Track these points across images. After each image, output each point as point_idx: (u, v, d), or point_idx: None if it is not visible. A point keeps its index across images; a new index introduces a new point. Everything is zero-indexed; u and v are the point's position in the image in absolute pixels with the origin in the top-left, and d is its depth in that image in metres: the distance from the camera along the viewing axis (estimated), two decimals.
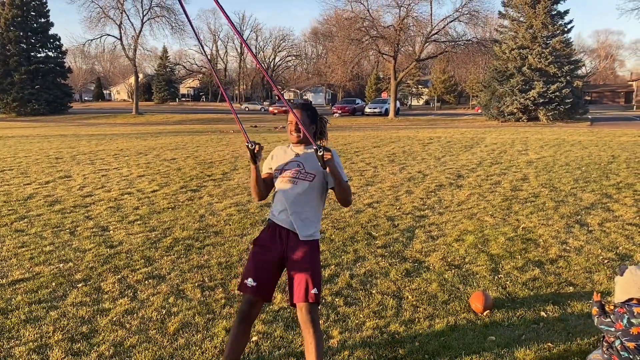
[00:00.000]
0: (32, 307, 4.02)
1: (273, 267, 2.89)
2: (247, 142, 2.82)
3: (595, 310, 3.18)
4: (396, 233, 6.08)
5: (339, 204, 3.10)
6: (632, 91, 68.24)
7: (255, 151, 2.82)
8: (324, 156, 2.59)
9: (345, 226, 6.37)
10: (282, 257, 2.88)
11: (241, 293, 2.92)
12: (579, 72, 36.02)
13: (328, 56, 56.37)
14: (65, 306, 4.04)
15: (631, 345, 3.00)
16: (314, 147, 2.62)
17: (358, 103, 48.71)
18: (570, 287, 4.40)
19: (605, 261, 5.03)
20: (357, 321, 3.79)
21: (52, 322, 3.76)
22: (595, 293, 3.31)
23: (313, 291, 2.76)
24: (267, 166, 3.08)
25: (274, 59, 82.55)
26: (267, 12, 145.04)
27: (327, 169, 2.66)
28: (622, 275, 3.17)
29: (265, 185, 3.01)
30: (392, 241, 5.75)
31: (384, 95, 50.58)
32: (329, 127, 3.30)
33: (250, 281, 2.84)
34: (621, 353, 3.03)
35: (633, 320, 3.01)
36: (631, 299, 3.09)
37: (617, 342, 3.06)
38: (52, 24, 49.53)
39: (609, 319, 3.11)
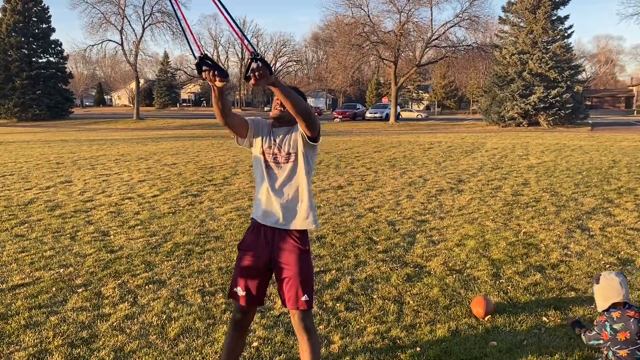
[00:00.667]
0: (32, 312, 4.01)
1: (261, 271, 2.75)
2: (196, 56, 2.23)
3: (577, 330, 3.19)
4: (397, 238, 6.07)
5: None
6: (633, 96, 68.32)
7: (217, 85, 2.34)
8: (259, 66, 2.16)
9: (346, 231, 6.36)
10: (269, 259, 2.73)
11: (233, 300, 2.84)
12: (580, 77, 36.06)
13: (329, 61, 56.45)
14: (65, 311, 4.03)
15: (623, 353, 2.99)
16: (252, 56, 2.20)
17: (359, 108, 48.77)
18: (572, 292, 4.39)
19: (607, 266, 5.02)
20: (358, 326, 3.78)
21: (52, 327, 3.75)
22: (567, 320, 3.31)
23: (303, 298, 2.66)
24: (251, 120, 2.79)
25: (275, 64, 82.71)
26: (268, 18, 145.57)
27: (266, 83, 2.24)
28: (597, 283, 3.18)
29: (236, 120, 2.69)
30: (393, 246, 5.74)
31: (384, 100, 50.64)
32: (329, 130, 3.28)
33: (239, 290, 2.74)
34: None
35: (615, 326, 3.01)
36: (613, 305, 3.10)
37: (610, 354, 3.04)
38: (53, 30, 49.66)
39: (594, 332, 3.11)
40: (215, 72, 2.28)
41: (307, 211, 2.72)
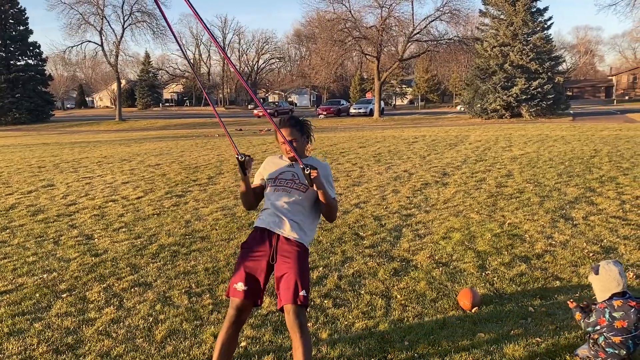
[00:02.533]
0: (15, 319, 3.95)
1: (262, 270, 2.86)
2: (237, 155, 2.82)
3: (578, 315, 3.23)
4: (383, 232, 6.08)
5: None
6: (612, 86, 69.26)
7: (245, 163, 2.84)
8: (311, 174, 2.66)
9: (333, 227, 6.36)
10: (270, 260, 2.86)
11: (230, 298, 2.86)
12: (560, 68, 36.34)
13: (311, 58, 56.40)
14: (49, 317, 3.98)
15: (617, 339, 3.03)
16: (301, 166, 2.67)
17: (343, 104, 48.75)
18: (557, 282, 4.43)
19: (591, 254, 5.08)
20: (346, 322, 3.78)
21: (36, 334, 3.69)
22: (569, 302, 3.34)
23: (302, 293, 2.73)
24: (259, 176, 3.10)
25: (257, 61, 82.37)
26: (249, 15, 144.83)
27: (314, 186, 2.72)
28: (597, 274, 3.21)
29: (256, 196, 3.05)
30: (379, 241, 5.75)
31: (368, 95, 50.71)
32: (314, 127, 3.30)
33: (240, 285, 2.81)
34: (606, 349, 3.06)
35: (615, 314, 3.05)
36: (614, 294, 3.12)
37: (602, 339, 3.08)
38: (31, 32, 48.95)
39: (592, 319, 3.14)
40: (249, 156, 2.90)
41: (305, 238, 2.93)
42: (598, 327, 3.12)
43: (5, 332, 3.73)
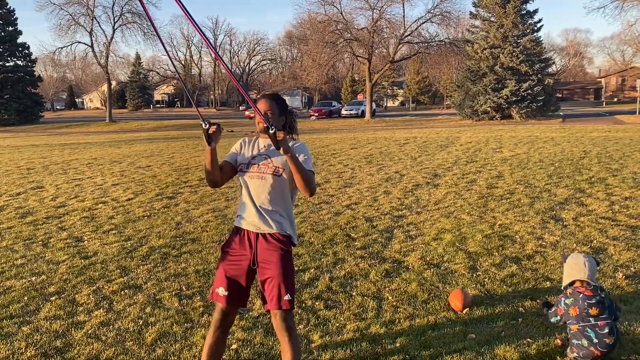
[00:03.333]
0: (3, 322, 3.90)
1: (244, 273, 2.76)
2: (202, 122, 2.54)
3: (545, 310, 3.35)
4: (375, 234, 6.08)
5: (309, 199, 2.98)
6: (601, 87, 69.83)
7: (210, 131, 2.55)
8: (277, 135, 2.41)
9: (324, 229, 6.35)
10: (252, 262, 2.75)
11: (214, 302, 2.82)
12: (550, 70, 36.62)
13: (303, 59, 56.42)
14: (38, 320, 3.93)
15: (574, 328, 3.14)
16: (266, 125, 2.44)
17: (334, 105, 48.78)
18: (547, 282, 4.45)
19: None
20: (337, 324, 3.77)
21: (24, 338, 3.65)
22: (537, 301, 3.49)
23: (286, 297, 2.66)
24: (231, 156, 2.88)
25: (249, 63, 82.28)
26: (241, 17, 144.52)
27: (281, 150, 2.46)
28: (564, 261, 3.35)
29: (222, 173, 2.78)
30: (371, 242, 5.75)
31: (359, 97, 50.76)
32: (306, 128, 3.27)
33: (221, 290, 2.74)
34: (572, 341, 3.15)
35: (567, 301, 3.15)
36: (574, 282, 3.22)
37: (568, 332, 3.18)
38: (20, 32, 48.54)
39: (553, 309, 3.24)
40: (218, 125, 2.60)
41: (290, 223, 2.81)
42: (559, 317, 3.24)
43: None
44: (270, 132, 2.43)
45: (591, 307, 3.07)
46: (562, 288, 3.34)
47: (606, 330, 3.06)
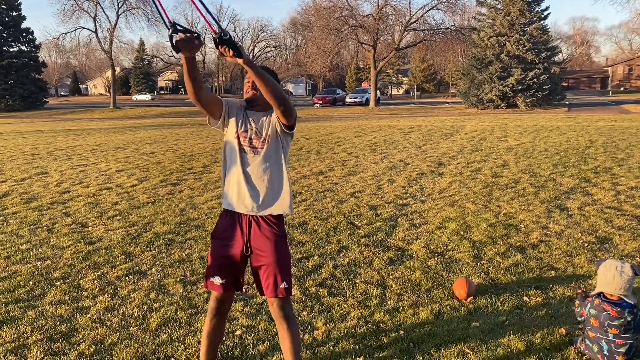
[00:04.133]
0: (8, 307, 3.93)
1: (237, 259, 2.67)
2: (168, 27, 2.18)
3: (577, 302, 3.33)
4: (379, 222, 6.07)
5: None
6: (608, 77, 69.32)
7: (177, 39, 2.21)
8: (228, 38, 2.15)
9: (328, 216, 6.34)
10: (245, 246, 2.64)
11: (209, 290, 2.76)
12: (556, 58, 36.28)
13: (307, 46, 56.10)
14: (43, 305, 3.95)
15: (591, 334, 3.10)
16: (215, 35, 2.16)
17: (339, 93, 48.57)
18: (552, 272, 4.44)
19: (586, 245, 5.09)
20: (341, 311, 3.77)
21: (30, 322, 3.67)
22: (578, 288, 3.41)
23: (282, 286, 2.60)
24: (225, 100, 2.69)
25: (253, 50, 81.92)
26: (245, 3, 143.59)
27: (232, 56, 2.19)
28: (598, 267, 3.23)
29: (208, 96, 2.57)
30: (375, 230, 5.75)
31: (364, 85, 50.55)
32: (310, 116, 3.23)
33: (217, 279, 2.66)
34: (585, 341, 3.12)
35: (591, 310, 3.09)
36: (601, 293, 3.13)
37: (586, 329, 3.15)
38: (24, 18, 48.38)
39: (579, 309, 3.22)
40: (190, 34, 2.23)
41: (283, 196, 2.66)
42: (582, 318, 3.19)
43: None
44: (224, 37, 2.15)
45: (611, 328, 2.98)
46: (591, 293, 3.22)
47: (621, 350, 2.97)
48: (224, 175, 2.73)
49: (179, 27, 2.20)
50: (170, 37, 2.19)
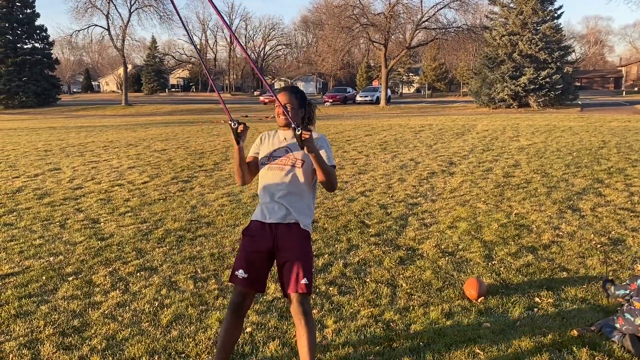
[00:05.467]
0: (22, 301, 3.97)
1: (264, 257, 2.80)
2: (230, 121, 2.67)
3: (608, 285, 3.44)
4: (389, 221, 6.06)
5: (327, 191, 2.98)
6: (622, 77, 68.57)
7: (239, 130, 2.67)
8: (302, 135, 2.48)
9: (338, 215, 6.34)
10: (272, 247, 2.79)
11: (233, 284, 2.85)
12: (569, 58, 35.93)
13: (318, 45, 56.05)
14: (56, 300, 3.99)
15: (637, 304, 3.18)
16: (293, 126, 2.50)
17: (349, 92, 48.46)
18: (564, 273, 4.41)
19: (598, 246, 5.05)
20: (351, 310, 3.78)
21: (42, 317, 3.71)
22: (602, 278, 3.50)
23: (303, 281, 2.69)
24: (253, 150, 2.96)
25: (264, 48, 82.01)
26: (257, 1, 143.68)
27: (305, 149, 2.53)
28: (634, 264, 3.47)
29: (249, 169, 2.89)
30: (385, 229, 5.74)
31: (374, 83, 50.39)
32: (320, 114, 3.25)
33: (241, 272, 2.76)
34: (625, 315, 3.19)
35: (639, 281, 3.22)
36: None
37: (625, 306, 3.24)
38: (38, 15, 48.76)
39: (624, 283, 3.36)
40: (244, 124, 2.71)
41: (309, 216, 2.86)
42: (627, 291, 3.29)
43: (12, 314, 3.75)
44: (297, 132, 2.49)
45: None
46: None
47: None
48: (260, 189, 2.92)
49: (237, 120, 2.69)
50: (235, 130, 2.68)
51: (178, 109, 40.55)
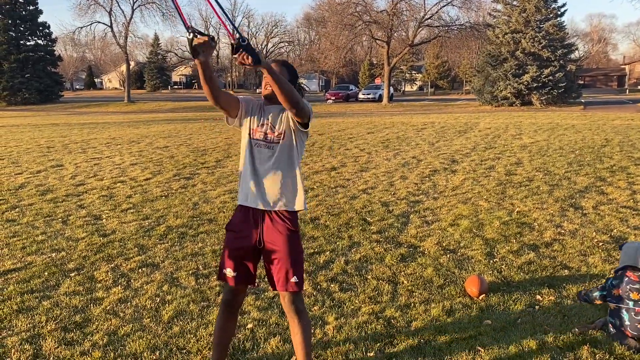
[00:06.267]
0: (24, 297, 3.98)
1: (250, 252, 2.68)
2: (187, 29, 2.25)
3: (581, 296, 3.50)
4: (391, 218, 6.06)
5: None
6: (625, 75, 68.36)
7: (195, 43, 2.27)
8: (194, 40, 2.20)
9: (340, 212, 6.35)
10: (258, 240, 2.66)
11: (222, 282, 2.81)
12: (572, 56, 35.91)
13: (321, 42, 55.96)
14: (58, 296, 4.01)
15: (612, 305, 3.22)
16: (233, 42, 2.22)
17: (352, 89, 48.45)
18: (566, 270, 4.41)
19: (600, 244, 5.04)
20: (352, 307, 3.78)
21: (44, 312, 3.72)
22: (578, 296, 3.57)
23: (293, 280, 2.62)
24: (242, 102, 2.73)
25: (267, 45, 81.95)
26: None
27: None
28: (620, 249, 3.46)
29: (226, 97, 2.64)
30: (387, 227, 5.74)
31: (377, 81, 50.35)
32: (322, 112, 3.23)
33: (229, 272, 2.69)
34: (608, 319, 3.27)
35: (614, 282, 3.26)
36: (625, 267, 3.28)
37: (608, 310, 3.32)
38: (41, 12, 48.78)
39: (600, 285, 3.40)
40: (207, 37, 2.29)
41: (297, 192, 2.68)
42: (604, 293, 3.32)
43: (15, 309, 3.77)
44: (188, 37, 2.20)
45: (632, 292, 3.13)
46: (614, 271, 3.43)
47: None
48: (242, 170, 2.75)
49: (196, 31, 2.25)
50: (190, 40, 2.24)
51: (180, 106, 40.57)
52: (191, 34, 2.23)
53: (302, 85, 2.89)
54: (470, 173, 8.75)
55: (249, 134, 2.70)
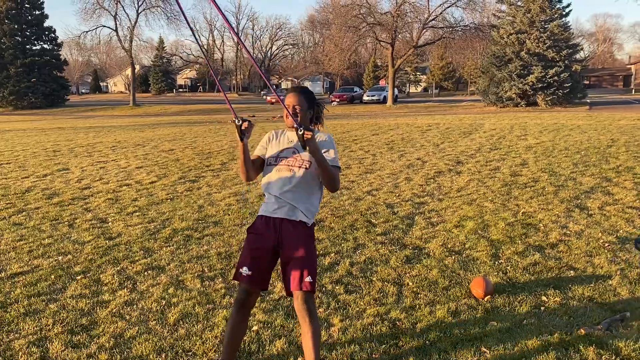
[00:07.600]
0: (31, 300, 4.01)
1: (268, 254, 2.82)
2: (235, 118, 2.68)
3: None
4: (396, 220, 6.06)
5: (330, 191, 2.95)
6: (631, 75, 68.02)
7: (243, 127, 2.68)
8: (304, 135, 2.50)
9: (345, 214, 6.35)
10: (276, 245, 2.80)
11: (237, 282, 2.88)
12: (578, 56, 35.75)
13: (325, 44, 56.04)
14: (64, 299, 4.03)
15: None
16: (295, 126, 2.55)
17: (356, 91, 48.43)
18: (571, 272, 4.39)
19: (606, 245, 5.02)
20: (357, 309, 3.78)
21: (51, 315, 3.74)
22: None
23: (307, 279, 2.70)
24: (260, 148, 2.97)
25: (271, 48, 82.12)
26: (263, 1, 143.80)
27: (307, 149, 2.56)
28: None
29: (254, 167, 2.89)
30: (391, 228, 5.74)
31: (382, 82, 50.31)
32: (327, 114, 3.24)
33: (245, 270, 2.78)
34: None
35: None
36: None
37: None
38: (46, 16, 49.12)
39: None
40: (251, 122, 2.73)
41: (310, 217, 2.85)
42: None
43: (22, 312, 3.79)
44: (299, 132, 2.51)
45: None
46: None
47: None
48: (264, 187, 2.92)
49: (242, 118, 2.70)
50: (239, 127, 2.68)
51: (185, 109, 40.69)
52: (239, 121, 2.67)
53: (321, 102, 3.05)
54: (475, 174, 8.74)
55: (274, 158, 2.88)
